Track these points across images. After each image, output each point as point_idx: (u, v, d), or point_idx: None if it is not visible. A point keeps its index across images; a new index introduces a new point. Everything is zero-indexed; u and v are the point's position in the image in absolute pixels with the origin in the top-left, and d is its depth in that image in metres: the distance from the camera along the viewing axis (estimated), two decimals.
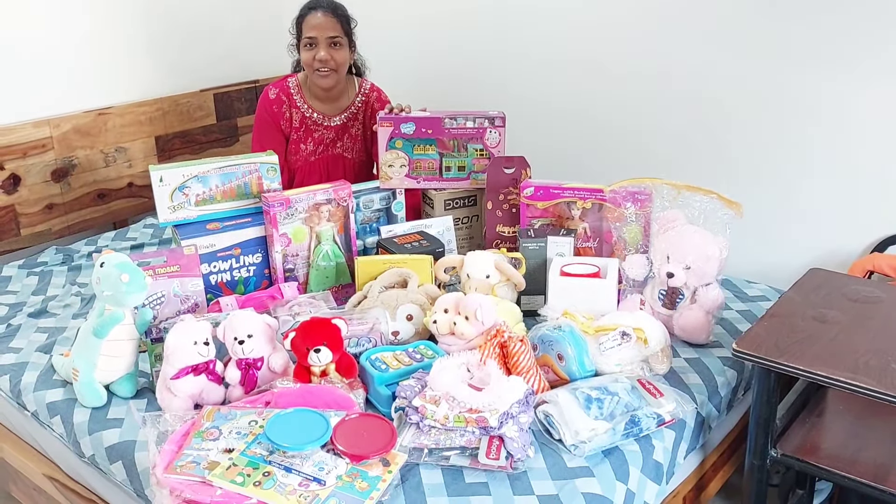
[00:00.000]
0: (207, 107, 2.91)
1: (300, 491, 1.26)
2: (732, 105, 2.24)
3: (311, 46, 2.28)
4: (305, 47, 2.29)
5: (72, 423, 1.60)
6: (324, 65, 2.28)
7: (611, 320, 1.65)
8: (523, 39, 2.61)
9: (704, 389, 1.65)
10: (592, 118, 2.53)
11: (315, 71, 2.29)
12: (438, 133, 2.16)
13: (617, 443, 1.45)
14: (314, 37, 2.27)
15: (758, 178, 2.23)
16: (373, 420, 1.41)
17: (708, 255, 1.73)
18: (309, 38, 2.28)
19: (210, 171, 1.96)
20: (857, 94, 2.03)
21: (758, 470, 1.54)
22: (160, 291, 1.78)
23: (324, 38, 2.26)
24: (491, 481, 1.36)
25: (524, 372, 1.54)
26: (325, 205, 2.00)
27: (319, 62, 2.27)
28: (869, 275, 2.00)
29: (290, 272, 2.00)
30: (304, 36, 2.29)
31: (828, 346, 1.46)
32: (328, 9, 2.29)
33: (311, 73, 2.31)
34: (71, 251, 2.47)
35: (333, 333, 1.54)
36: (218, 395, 1.55)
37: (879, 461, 1.47)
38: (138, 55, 2.75)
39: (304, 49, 2.30)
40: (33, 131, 2.45)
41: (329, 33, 2.27)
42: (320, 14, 2.28)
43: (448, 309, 1.67)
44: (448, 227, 2.14)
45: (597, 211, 1.99)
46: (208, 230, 1.94)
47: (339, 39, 2.29)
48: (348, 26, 2.33)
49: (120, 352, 1.60)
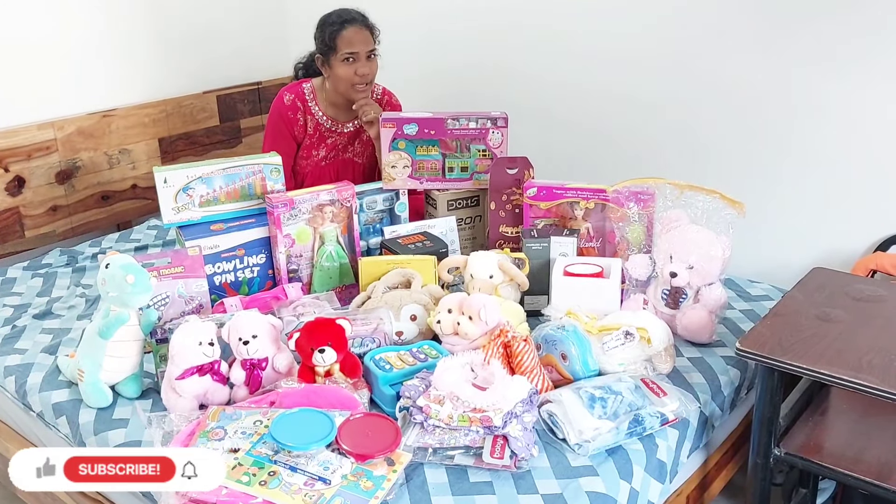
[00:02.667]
0: (211, 108, 2.91)
1: (305, 490, 1.26)
2: (735, 104, 2.24)
3: (351, 61, 2.24)
4: (344, 62, 2.24)
5: (77, 423, 1.60)
6: (363, 79, 2.26)
7: (614, 320, 1.65)
8: (525, 40, 2.62)
9: (708, 388, 1.65)
10: (595, 118, 2.53)
11: (353, 86, 2.26)
12: (441, 134, 2.16)
13: (621, 442, 1.45)
14: (356, 52, 2.23)
15: (760, 178, 2.23)
16: (377, 420, 1.41)
17: (711, 254, 1.73)
18: (350, 54, 2.23)
19: (214, 172, 1.97)
20: (861, 94, 2.03)
21: (761, 469, 1.54)
22: (165, 292, 1.79)
23: (364, 52, 2.24)
24: (495, 480, 1.36)
25: (528, 371, 1.54)
26: (328, 205, 2.00)
27: (360, 77, 2.24)
28: (872, 274, 2.00)
29: (293, 273, 2.00)
30: (345, 51, 2.23)
31: (831, 345, 1.46)
32: (362, 23, 2.27)
33: (348, 88, 2.27)
34: (75, 253, 2.48)
35: (338, 334, 1.54)
36: (223, 395, 1.56)
37: (883, 459, 1.47)
38: (142, 57, 2.75)
39: (341, 64, 2.24)
40: (37, 133, 2.46)
41: (368, 47, 2.25)
42: (357, 28, 2.24)
43: (452, 309, 1.68)
44: (451, 227, 2.14)
45: (600, 211, 1.99)
46: (212, 231, 1.94)
47: (375, 51, 2.28)
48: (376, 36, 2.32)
49: (125, 352, 1.61)
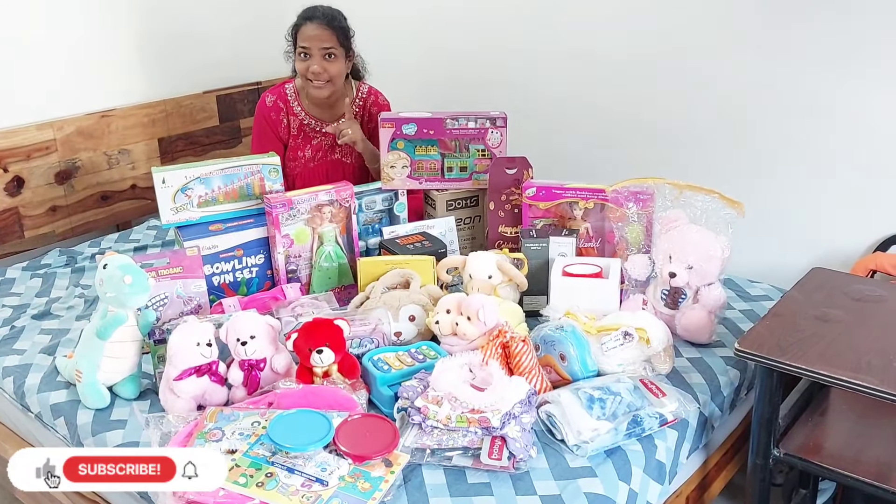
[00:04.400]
0: (210, 108, 2.91)
1: (303, 492, 1.26)
2: (735, 105, 2.24)
3: (305, 57, 2.25)
4: (300, 57, 2.27)
5: (75, 424, 1.60)
6: (317, 77, 2.25)
7: (613, 320, 1.65)
8: (524, 39, 2.61)
9: (707, 389, 1.64)
10: (594, 118, 2.53)
11: (309, 81, 2.27)
12: (440, 134, 2.16)
13: (619, 443, 1.45)
14: (308, 47, 2.23)
15: (760, 178, 2.22)
16: (375, 421, 1.41)
17: (710, 254, 1.73)
18: (303, 48, 2.24)
19: (212, 172, 1.96)
20: (861, 94, 2.02)
21: (761, 469, 1.54)
22: (163, 293, 1.79)
23: (317, 49, 2.23)
24: (493, 482, 1.36)
25: (526, 372, 1.54)
26: (327, 206, 2.00)
27: (313, 74, 2.25)
28: (871, 274, 2.00)
29: (292, 273, 2.00)
30: (299, 46, 2.26)
31: (830, 346, 1.46)
32: (323, 19, 2.25)
33: (306, 84, 2.30)
34: (74, 253, 2.48)
35: (336, 334, 1.54)
36: (221, 396, 1.56)
37: (883, 460, 1.46)
38: (141, 57, 2.75)
39: (298, 59, 2.28)
40: (37, 133, 2.46)
41: (323, 44, 2.23)
42: (315, 25, 2.24)
43: (450, 309, 1.67)
44: (450, 227, 2.14)
45: (599, 211, 1.99)
46: (211, 231, 1.94)
47: (333, 51, 2.25)
48: (344, 37, 2.28)
49: (123, 353, 1.61)
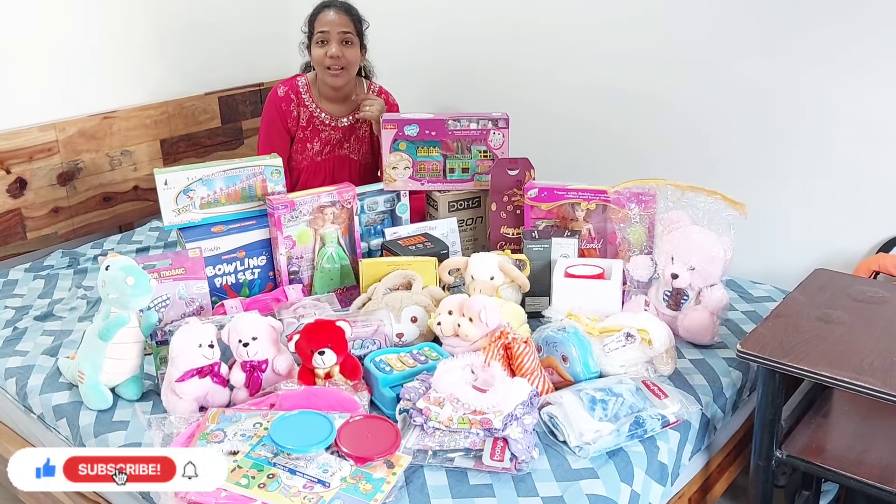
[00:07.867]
0: (212, 110, 2.91)
1: (305, 493, 1.26)
2: (738, 106, 2.23)
3: (323, 43, 2.30)
4: (317, 44, 2.31)
5: (78, 425, 1.60)
6: (335, 62, 2.29)
7: (615, 321, 1.65)
8: (526, 41, 2.61)
9: (709, 390, 1.64)
10: (596, 119, 2.52)
11: (326, 69, 2.30)
12: (442, 135, 2.16)
13: (621, 444, 1.45)
14: (327, 31, 2.28)
15: (762, 179, 2.22)
16: (377, 422, 1.41)
17: (712, 255, 1.73)
18: (321, 34, 2.29)
19: (215, 173, 1.97)
20: (865, 96, 2.02)
21: (763, 471, 1.53)
22: (165, 294, 1.79)
23: (336, 33, 2.28)
24: (495, 483, 1.36)
25: (528, 373, 1.54)
26: (329, 207, 2.00)
27: (331, 59, 2.28)
28: (874, 275, 1.99)
29: (294, 274, 2.00)
30: (317, 31, 2.31)
31: (833, 347, 1.46)
32: (341, 8, 2.33)
33: (322, 71, 2.33)
34: (77, 254, 2.48)
35: (338, 335, 1.54)
36: (223, 397, 1.56)
37: (885, 462, 1.46)
38: (143, 59, 2.75)
39: (315, 45, 2.32)
40: (39, 135, 2.46)
41: (341, 29, 2.29)
42: (333, 11, 2.31)
43: (452, 311, 1.67)
44: (452, 228, 2.14)
45: (601, 212, 1.99)
46: (213, 233, 1.94)
47: (350, 37, 2.31)
48: (360, 26, 2.36)
49: (125, 354, 1.61)
